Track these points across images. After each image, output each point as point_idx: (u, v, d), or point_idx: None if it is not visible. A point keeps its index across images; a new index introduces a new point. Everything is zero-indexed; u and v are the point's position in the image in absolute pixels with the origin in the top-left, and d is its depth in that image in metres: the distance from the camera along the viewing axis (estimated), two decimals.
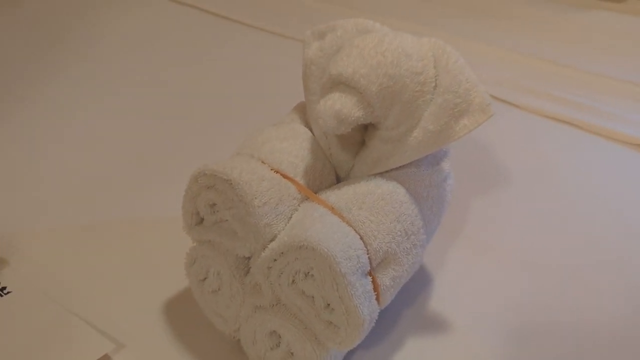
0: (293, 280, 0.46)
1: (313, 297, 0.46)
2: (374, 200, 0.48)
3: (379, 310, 0.47)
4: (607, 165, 0.81)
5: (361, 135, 0.53)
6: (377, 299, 0.47)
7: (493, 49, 1.06)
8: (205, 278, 0.52)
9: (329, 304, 0.45)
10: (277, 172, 0.49)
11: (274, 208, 0.47)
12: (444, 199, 0.54)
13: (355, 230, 0.46)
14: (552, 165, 0.80)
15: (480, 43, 1.08)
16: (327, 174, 0.53)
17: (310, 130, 0.54)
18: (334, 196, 0.49)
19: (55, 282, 0.60)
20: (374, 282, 0.46)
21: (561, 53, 1.06)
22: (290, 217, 0.48)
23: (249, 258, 0.49)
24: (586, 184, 0.77)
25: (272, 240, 0.47)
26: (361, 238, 0.46)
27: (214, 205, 0.49)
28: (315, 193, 0.50)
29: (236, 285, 0.50)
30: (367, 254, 0.46)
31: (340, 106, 0.47)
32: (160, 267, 0.62)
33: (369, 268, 0.46)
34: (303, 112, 0.57)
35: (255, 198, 0.46)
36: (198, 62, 1.03)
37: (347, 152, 0.53)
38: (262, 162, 0.49)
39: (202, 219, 0.51)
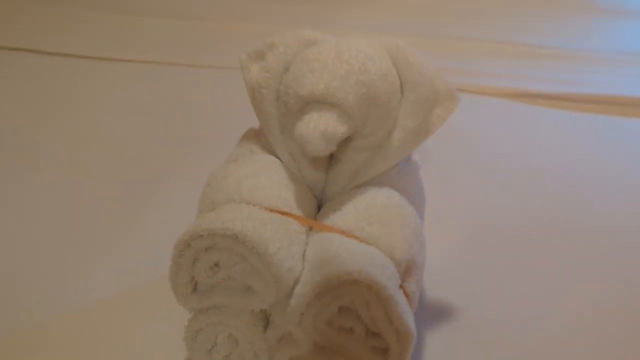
0: (329, 320, 0.43)
1: (351, 328, 0.43)
2: (378, 211, 0.46)
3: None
4: (485, 116, 0.90)
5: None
6: (410, 307, 0.46)
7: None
8: (213, 346, 0.47)
9: (369, 331, 0.43)
10: (272, 211, 0.45)
11: (288, 250, 0.43)
12: (423, 190, 0.54)
13: (376, 248, 0.44)
14: (457, 128, 0.85)
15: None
16: (311, 198, 0.50)
17: (275, 156, 0.51)
18: (337, 219, 0.46)
19: None
20: (404, 292, 0.45)
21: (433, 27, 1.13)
22: (303, 254, 0.45)
23: (265, 310, 0.45)
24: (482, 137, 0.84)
25: (294, 285, 0.43)
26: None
27: (213, 267, 0.44)
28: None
29: (258, 343, 0.45)
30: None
31: (325, 125, 0.44)
32: None
33: (400, 281, 0.44)
34: (257, 139, 0.53)
35: (269, 246, 0.42)
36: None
37: (318, 171, 0.50)
38: (250, 204, 0.45)
39: (195, 285, 0.45)
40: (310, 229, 0.46)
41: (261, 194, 0.46)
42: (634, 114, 0.91)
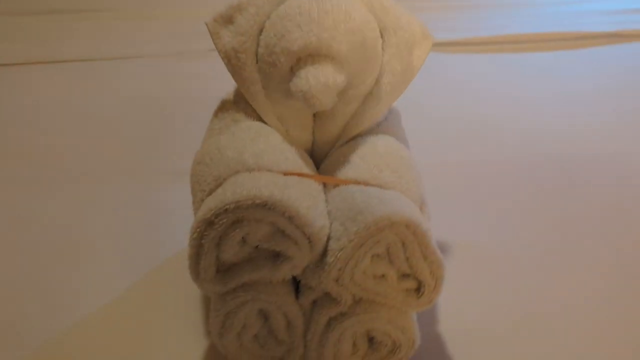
0: (364, 271, 0.42)
1: (383, 275, 0.43)
2: (384, 158, 0.46)
3: None
4: None
5: None
6: None
7: None
8: (242, 327, 0.45)
9: (400, 274, 0.43)
10: (287, 174, 0.43)
11: (316, 209, 0.42)
12: (404, 132, 0.55)
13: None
14: None
15: None
16: (308, 158, 0.49)
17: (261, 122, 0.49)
18: (349, 172, 0.46)
19: None
20: None
21: None
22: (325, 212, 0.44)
23: (294, 278, 0.44)
24: None
25: (327, 243, 0.42)
26: None
27: (241, 242, 0.41)
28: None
29: (292, 311, 0.44)
30: None
31: (325, 77, 0.43)
32: None
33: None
34: (237, 108, 0.50)
35: (300, 207, 0.40)
36: None
37: (306, 131, 0.49)
38: (262, 171, 0.43)
39: (218, 266, 0.42)
40: (325, 185, 0.45)
41: (267, 159, 0.44)
42: (532, 49, 0.99)
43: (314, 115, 0.49)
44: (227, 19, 0.48)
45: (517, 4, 1.19)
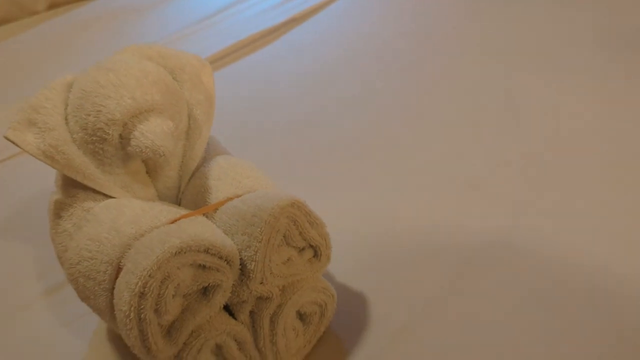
0: (276, 262, 0.48)
1: (289, 258, 0.49)
2: (232, 171, 0.52)
3: None
4: None
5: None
6: None
7: None
8: None
9: (298, 249, 0.50)
10: (173, 222, 0.46)
11: (218, 234, 0.46)
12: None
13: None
14: None
15: None
16: (170, 203, 0.52)
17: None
18: (216, 195, 0.50)
19: None
20: None
21: None
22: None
23: (226, 307, 0.47)
24: None
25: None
26: None
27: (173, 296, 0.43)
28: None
29: (241, 329, 0.47)
30: None
31: (159, 127, 0.47)
32: None
33: None
34: (79, 198, 0.50)
35: (209, 238, 0.44)
36: None
37: (147, 187, 0.52)
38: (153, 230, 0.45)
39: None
40: (205, 215, 0.49)
41: (145, 222, 0.46)
42: None
43: (147, 171, 0.52)
44: (26, 123, 0.48)
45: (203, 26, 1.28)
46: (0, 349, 0.58)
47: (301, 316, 0.52)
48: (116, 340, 0.56)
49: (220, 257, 0.44)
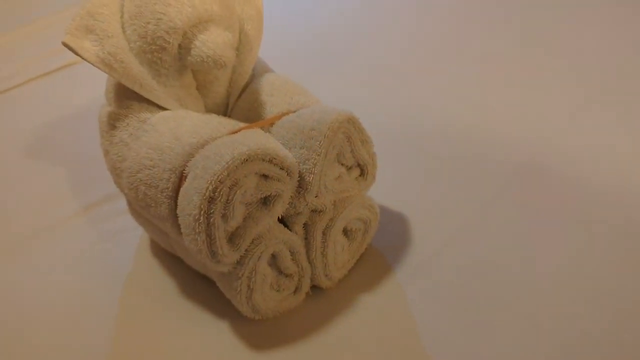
0: (330, 177, 0.49)
1: (340, 175, 0.50)
2: (283, 88, 0.53)
3: None
4: None
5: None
6: None
7: None
8: (263, 280, 0.48)
9: (349, 167, 0.51)
10: (235, 132, 0.47)
11: (279, 146, 0.46)
12: None
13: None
14: None
15: None
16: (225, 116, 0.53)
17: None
18: (270, 110, 0.51)
19: None
20: None
21: None
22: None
23: (280, 220, 0.48)
24: None
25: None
26: None
27: (239, 204, 0.44)
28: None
29: (295, 239, 0.49)
30: None
31: (220, 38, 0.47)
32: None
33: None
34: (134, 109, 0.50)
35: (273, 149, 0.45)
36: None
37: (198, 101, 0.53)
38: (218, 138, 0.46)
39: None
40: (261, 128, 0.50)
41: (205, 132, 0.46)
42: None
43: (197, 86, 0.52)
44: (83, 30, 0.47)
45: None
46: (43, 261, 0.59)
47: (346, 232, 0.53)
48: (161, 255, 0.58)
49: (282, 168, 0.45)
